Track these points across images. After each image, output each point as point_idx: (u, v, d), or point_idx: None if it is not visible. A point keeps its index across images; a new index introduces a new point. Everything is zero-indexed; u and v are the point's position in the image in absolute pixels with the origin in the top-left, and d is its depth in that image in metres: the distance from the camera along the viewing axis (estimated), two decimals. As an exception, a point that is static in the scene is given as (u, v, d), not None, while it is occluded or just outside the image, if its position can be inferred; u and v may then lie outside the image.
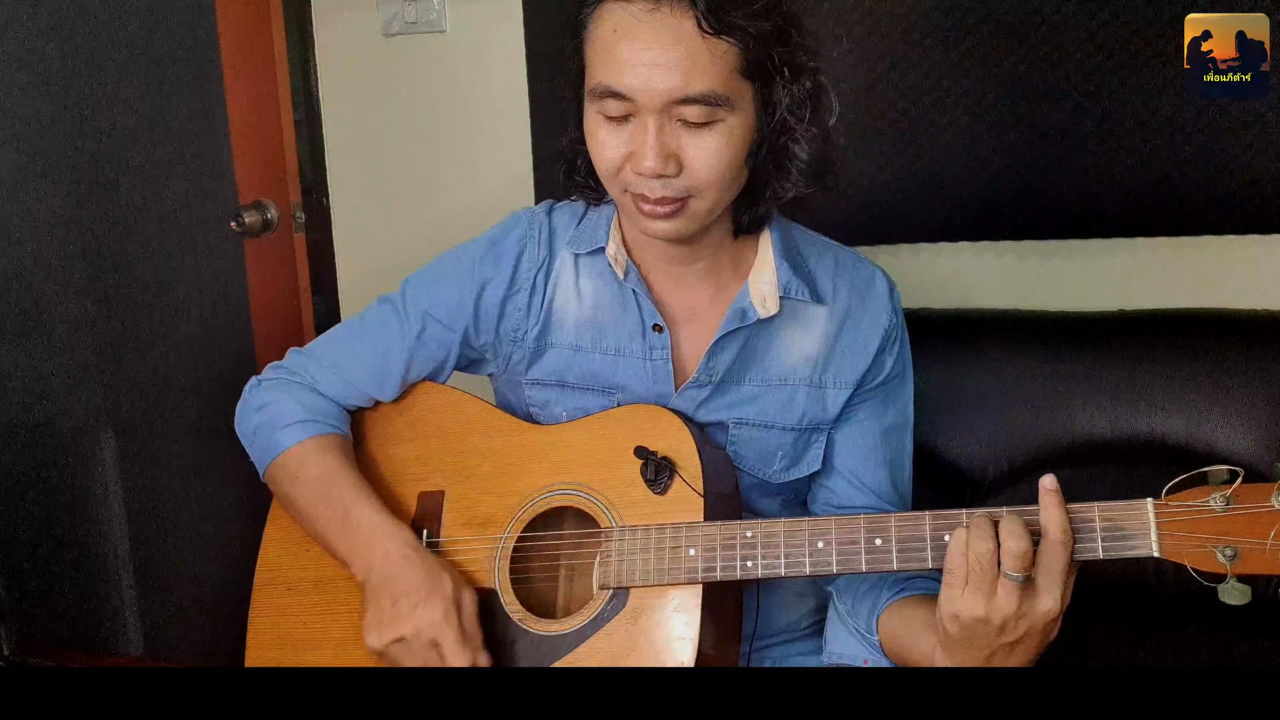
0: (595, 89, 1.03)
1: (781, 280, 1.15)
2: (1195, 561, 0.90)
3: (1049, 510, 0.94)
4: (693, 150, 1.02)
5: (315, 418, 1.21)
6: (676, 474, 1.07)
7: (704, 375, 1.15)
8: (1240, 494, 0.90)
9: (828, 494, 1.21)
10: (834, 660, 1.17)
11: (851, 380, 1.18)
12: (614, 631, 1.06)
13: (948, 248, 1.69)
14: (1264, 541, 0.89)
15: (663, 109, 1.00)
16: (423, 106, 1.93)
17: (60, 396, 2.12)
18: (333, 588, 1.20)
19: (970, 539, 0.94)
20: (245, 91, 1.93)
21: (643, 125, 1.01)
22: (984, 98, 1.56)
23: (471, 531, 1.16)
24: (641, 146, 1.01)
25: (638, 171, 1.03)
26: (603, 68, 1.02)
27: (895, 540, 0.99)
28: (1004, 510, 0.96)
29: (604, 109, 1.03)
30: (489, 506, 1.16)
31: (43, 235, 2.05)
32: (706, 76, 0.99)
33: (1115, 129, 1.53)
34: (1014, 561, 0.92)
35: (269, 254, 2.02)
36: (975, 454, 1.53)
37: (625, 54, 1.00)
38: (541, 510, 1.13)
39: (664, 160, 1.01)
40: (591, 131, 1.06)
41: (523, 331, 1.19)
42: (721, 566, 1.04)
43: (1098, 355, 1.51)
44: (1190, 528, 0.91)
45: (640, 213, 1.06)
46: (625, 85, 1.00)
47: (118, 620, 2.21)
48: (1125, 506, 0.93)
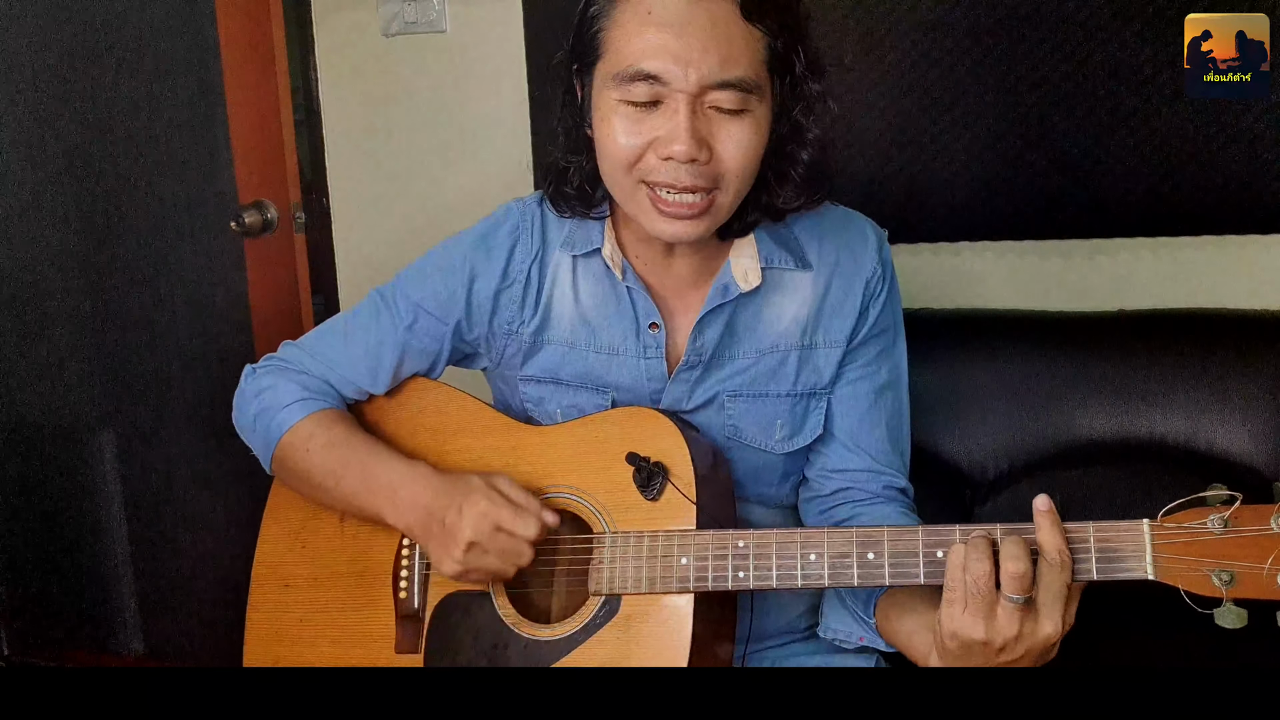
0: (622, 73, 1.01)
1: (763, 253, 1.14)
2: (1191, 585, 0.88)
3: (1043, 532, 0.92)
4: (723, 138, 1.02)
5: (313, 395, 1.22)
6: (669, 480, 1.07)
7: (693, 356, 1.15)
8: (1239, 516, 0.88)
9: (823, 459, 1.20)
10: (829, 635, 1.17)
11: (841, 338, 1.16)
12: (606, 638, 1.06)
13: (948, 248, 1.69)
14: (1261, 566, 0.87)
15: (697, 93, 1.00)
16: (423, 106, 1.93)
17: (60, 396, 2.12)
18: (329, 584, 1.20)
19: (968, 559, 0.92)
20: (245, 91, 1.93)
21: (674, 109, 1.00)
22: (984, 98, 1.56)
23: None
24: (674, 130, 1.00)
25: (666, 157, 1.01)
26: (633, 50, 1.00)
27: (888, 554, 0.98)
28: (998, 528, 0.94)
29: (629, 94, 1.01)
30: None
31: (42, 235, 2.05)
32: (743, 62, 1.00)
33: (1115, 129, 1.53)
34: (1013, 583, 0.91)
35: (269, 254, 2.02)
36: (975, 454, 1.53)
37: (660, 36, 0.99)
38: None
39: (698, 145, 1.00)
40: (605, 119, 1.04)
41: (517, 324, 1.19)
42: (713, 576, 1.03)
43: (1098, 355, 1.51)
44: (1187, 550, 0.89)
45: (659, 213, 1.04)
46: (660, 67, 0.99)
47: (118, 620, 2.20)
48: (1121, 527, 0.92)
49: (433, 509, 1.10)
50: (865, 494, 1.18)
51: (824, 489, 1.20)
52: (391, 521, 1.14)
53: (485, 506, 1.07)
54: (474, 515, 1.06)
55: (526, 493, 1.09)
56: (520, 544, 1.06)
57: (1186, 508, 0.90)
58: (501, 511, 1.06)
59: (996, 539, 0.93)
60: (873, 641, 1.12)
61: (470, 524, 1.06)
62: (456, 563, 1.08)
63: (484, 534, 1.06)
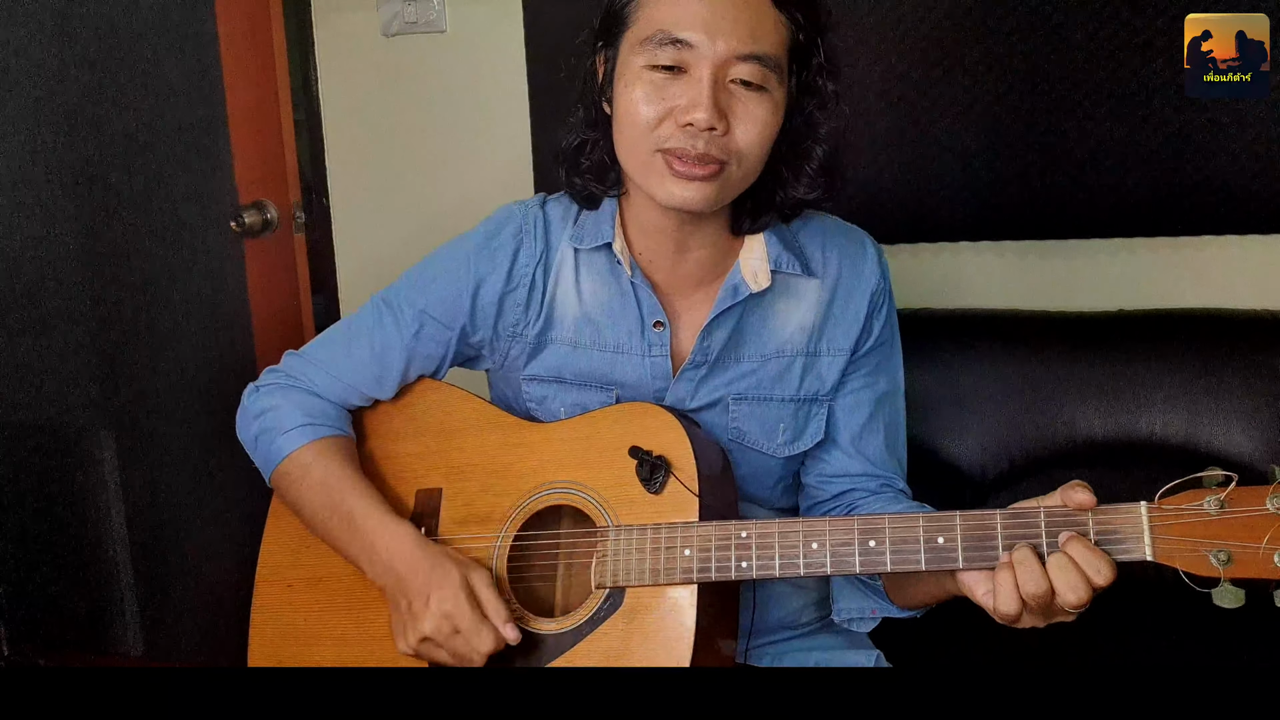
0: (653, 36, 1.04)
1: (772, 255, 1.15)
2: (1189, 565, 0.90)
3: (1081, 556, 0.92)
4: (740, 113, 1.04)
5: (315, 421, 1.21)
6: (671, 474, 1.08)
7: (699, 355, 1.16)
8: (1235, 497, 0.89)
9: (824, 465, 1.21)
10: (842, 618, 1.19)
11: (845, 347, 1.18)
12: (610, 631, 1.06)
13: (948, 248, 1.69)
14: (1258, 545, 0.88)
15: (722, 63, 1.02)
16: (423, 106, 1.93)
17: (60, 396, 2.12)
18: (331, 585, 1.20)
19: (1023, 583, 0.92)
20: (245, 91, 1.93)
21: (697, 78, 1.03)
22: (983, 98, 1.56)
23: (469, 529, 1.16)
24: (697, 97, 1.02)
25: (686, 123, 1.03)
26: (665, 16, 1.04)
27: (889, 541, 0.99)
28: (1027, 546, 0.93)
29: (656, 58, 1.04)
30: (486, 504, 1.16)
31: (42, 235, 2.05)
32: (769, 39, 1.03)
33: (1115, 129, 1.53)
34: (1076, 609, 0.92)
35: (269, 254, 2.02)
36: (974, 454, 1.53)
37: (693, 4, 1.02)
38: (538, 508, 1.13)
39: (718, 114, 1.02)
40: (630, 85, 1.06)
41: (522, 326, 1.19)
42: (717, 567, 1.03)
43: (1097, 355, 1.51)
44: (1184, 531, 0.90)
45: (671, 173, 1.05)
46: (689, 34, 1.02)
47: (118, 620, 2.20)
48: (1119, 510, 0.93)
49: (403, 584, 1.10)
50: (866, 492, 1.20)
51: (825, 494, 1.21)
52: (368, 575, 1.14)
53: (450, 607, 1.06)
54: (437, 613, 1.06)
55: (498, 599, 1.08)
56: (473, 654, 1.06)
57: (1183, 489, 0.91)
58: (464, 619, 1.06)
59: (1043, 551, 0.93)
60: (886, 610, 1.14)
61: (431, 621, 1.06)
62: (408, 648, 1.09)
63: (442, 634, 1.06)
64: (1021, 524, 0.95)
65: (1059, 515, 0.94)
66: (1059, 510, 0.94)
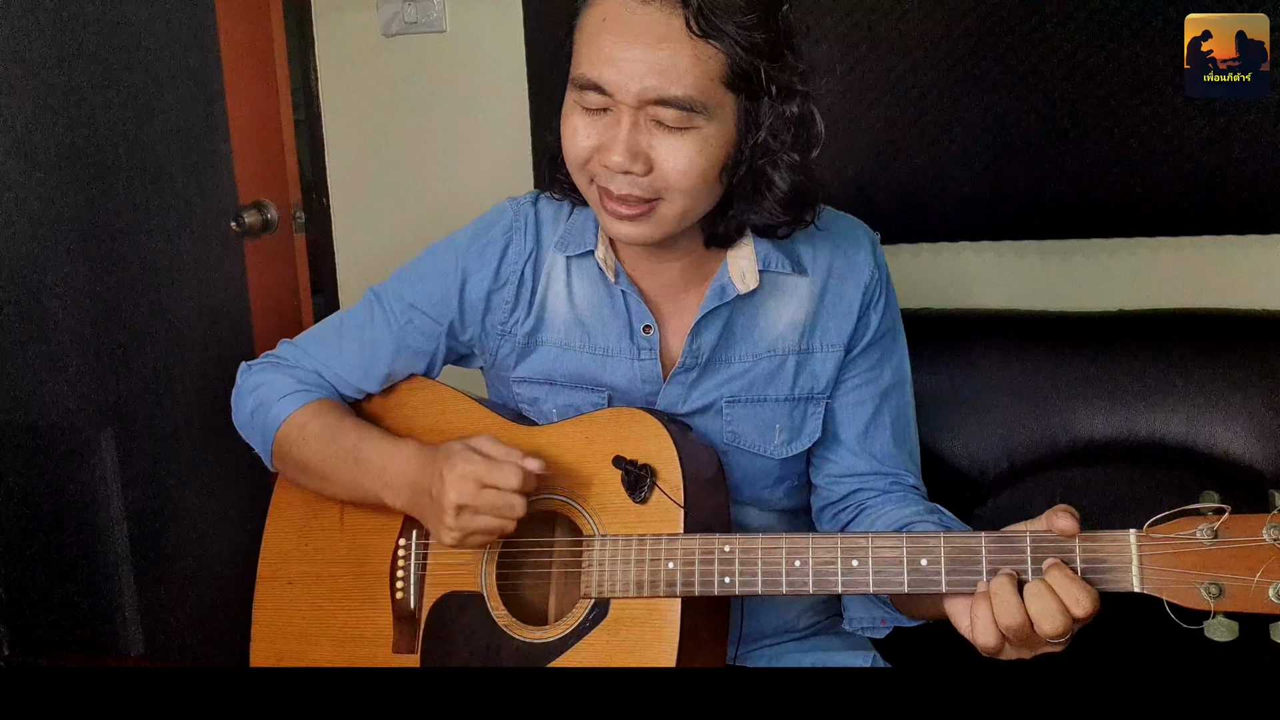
0: (577, 79, 1.02)
1: (760, 254, 1.13)
2: (1178, 597, 0.85)
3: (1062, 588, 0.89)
4: (664, 151, 1.01)
5: (307, 387, 1.23)
6: (656, 485, 1.07)
7: (689, 358, 1.15)
8: (1229, 526, 0.85)
9: (831, 465, 1.19)
10: (853, 627, 1.18)
11: (839, 342, 1.16)
12: (594, 642, 1.06)
13: (948, 248, 1.69)
14: (1250, 578, 0.84)
15: (638, 107, 1.00)
16: (423, 106, 1.93)
17: (60, 396, 2.12)
18: (330, 583, 1.20)
19: (1000, 616, 0.89)
20: (245, 91, 1.93)
21: (616, 119, 1.01)
22: (983, 98, 1.56)
23: None
24: (612, 141, 1.01)
25: (604, 165, 1.02)
26: (586, 58, 1.01)
27: (872, 562, 0.96)
28: (1004, 575, 0.90)
29: (583, 100, 1.02)
30: None
31: (42, 235, 2.05)
32: (687, 80, 0.98)
33: (1115, 129, 1.53)
34: (1056, 640, 0.89)
35: (269, 254, 2.02)
36: (975, 454, 1.53)
37: (609, 47, 0.99)
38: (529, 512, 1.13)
39: (632, 157, 1.00)
40: (566, 117, 1.05)
41: (511, 324, 1.19)
42: (700, 581, 1.02)
43: (1098, 355, 1.51)
44: (1174, 562, 0.86)
45: (605, 211, 1.05)
46: (604, 79, 0.99)
47: (118, 620, 2.20)
48: (1107, 538, 0.89)
49: (419, 482, 1.10)
50: (874, 491, 1.18)
51: (834, 495, 1.20)
52: (390, 503, 1.14)
53: (464, 468, 1.05)
54: (455, 479, 1.05)
55: (505, 446, 1.07)
56: (507, 495, 1.04)
57: (1175, 518, 0.87)
58: (482, 469, 1.04)
59: (1026, 578, 0.90)
60: (895, 620, 1.13)
61: (453, 488, 1.05)
62: (451, 530, 1.06)
63: (469, 494, 1.04)
64: (1007, 548, 0.92)
65: (1047, 541, 0.90)
66: (1047, 536, 0.90)
